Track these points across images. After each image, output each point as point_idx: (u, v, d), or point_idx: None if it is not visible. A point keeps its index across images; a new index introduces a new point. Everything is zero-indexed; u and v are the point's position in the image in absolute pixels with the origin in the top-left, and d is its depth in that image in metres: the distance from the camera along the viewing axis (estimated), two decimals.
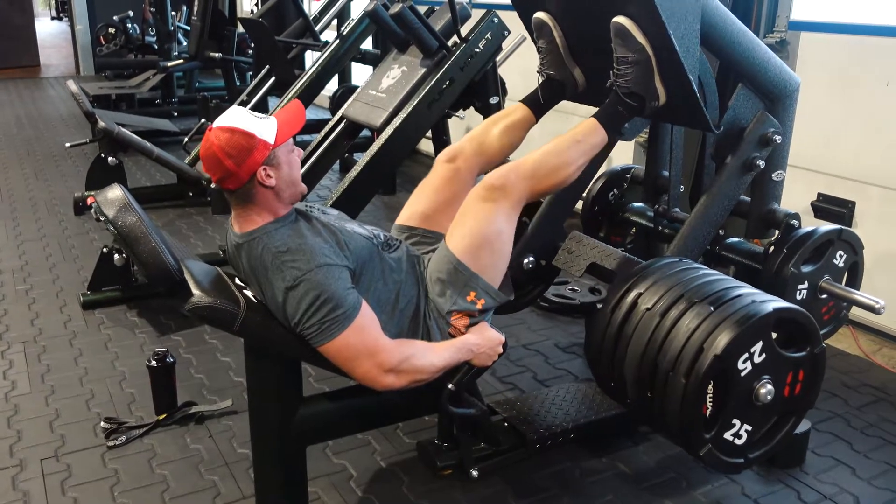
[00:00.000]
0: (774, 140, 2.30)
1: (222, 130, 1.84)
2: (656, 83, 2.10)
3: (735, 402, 1.91)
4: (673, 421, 1.92)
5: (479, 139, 2.34)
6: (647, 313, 1.99)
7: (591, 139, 2.15)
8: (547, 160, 2.09)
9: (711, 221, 2.36)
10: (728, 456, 1.96)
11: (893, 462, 2.47)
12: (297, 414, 2.05)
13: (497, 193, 2.00)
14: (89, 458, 2.44)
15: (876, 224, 3.22)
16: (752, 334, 1.85)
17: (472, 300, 2.01)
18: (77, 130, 7.23)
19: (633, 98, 2.12)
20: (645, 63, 2.07)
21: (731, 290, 1.95)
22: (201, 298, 1.86)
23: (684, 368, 1.85)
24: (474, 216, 2.01)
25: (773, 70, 2.29)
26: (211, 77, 9.42)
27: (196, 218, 4.88)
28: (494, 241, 2.01)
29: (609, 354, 2.08)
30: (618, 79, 2.12)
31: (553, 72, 2.37)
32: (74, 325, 3.36)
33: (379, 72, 3.94)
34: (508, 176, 2.02)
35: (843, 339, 3.24)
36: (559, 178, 2.11)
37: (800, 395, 2.00)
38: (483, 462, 2.33)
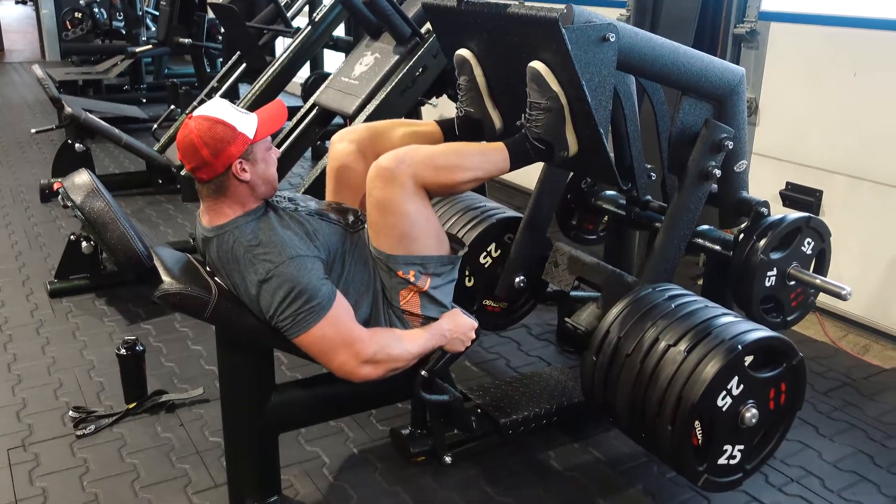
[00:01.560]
0: (726, 146, 2.29)
1: (203, 119, 1.82)
2: (567, 133, 2.05)
3: (722, 432, 1.97)
4: (668, 459, 2.02)
5: (378, 130, 2.26)
6: (627, 360, 2.05)
7: (493, 158, 2.07)
8: (447, 155, 2.02)
9: (679, 237, 2.37)
10: (726, 477, 2.03)
11: (858, 445, 2.52)
12: (269, 402, 2.04)
13: (390, 178, 1.91)
14: (58, 448, 2.41)
15: (842, 212, 3.27)
16: (727, 374, 1.90)
17: (402, 276, 1.98)
18: (43, 116, 7.10)
19: (543, 143, 2.07)
20: (557, 111, 2.01)
21: (705, 324, 1.99)
22: (171, 285, 1.84)
23: (668, 416, 1.92)
24: (379, 211, 1.94)
25: (714, 75, 2.28)
26: (180, 63, 9.30)
27: (166, 206, 4.82)
28: (411, 231, 1.95)
29: (601, 397, 2.16)
30: (528, 122, 2.07)
31: (472, 109, 2.31)
32: (41, 314, 3.31)
33: (351, 59, 3.91)
34: (403, 158, 1.93)
35: (810, 325, 3.29)
36: (453, 178, 2.00)
37: (785, 404, 2.05)
38: (456, 448, 2.35)
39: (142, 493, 2.22)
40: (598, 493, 2.26)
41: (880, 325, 3.24)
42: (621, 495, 2.25)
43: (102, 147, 5.93)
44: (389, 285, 2.01)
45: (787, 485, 2.32)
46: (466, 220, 2.73)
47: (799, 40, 3.40)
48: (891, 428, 2.62)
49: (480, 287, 2.76)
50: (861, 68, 3.16)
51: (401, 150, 1.97)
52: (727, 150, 2.31)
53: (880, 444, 2.53)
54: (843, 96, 3.23)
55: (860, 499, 2.26)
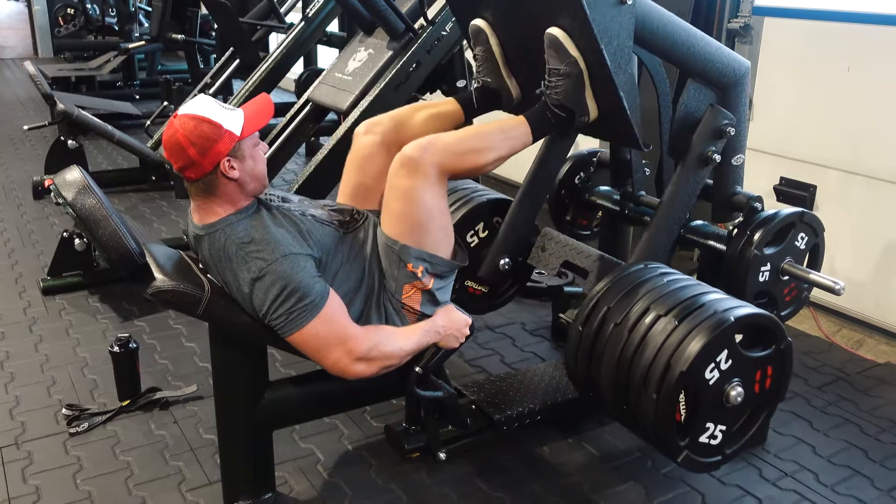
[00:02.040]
0: (728, 132, 2.30)
1: (188, 118, 1.80)
2: (587, 98, 2.07)
3: (707, 408, 1.95)
4: (649, 432, 1.99)
5: (401, 118, 2.28)
6: (615, 329, 2.03)
7: (515, 133, 2.10)
8: (469, 139, 2.05)
9: (675, 220, 2.37)
10: (705, 457, 2.01)
11: (852, 440, 2.53)
12: (263, 399, 2.04)
13: (414, 167, 1.94)
14: (51, 446, 2.40)
15: (836, 207, 3.28)
16: (716, 345, 1.89)
17: (411, 270, 1.98)
18: (36, 113, 7.06)
19: (563, 110, 2.09)
20: (577, 77, 2.03)
21: (695, 298, 1.99)
22: (164, 282, 1.83)
23: (654, 385, 1.90)
24: (398, 198, 1.97)
25: (721, 62, 2.28)
26: (174, 59, 9.26)
27: (159, 202, 4.80)
28: (426, 222, 1.97)
29: (584, 369, 2.13)
30: (548, 90, 2.08)
31: (489, 80, 2.32)
32: (34, 312, 3.30)
33: (345, 54, 3.90)
34: (427, 149, 1.96)
35: (805, 320, 3.30)
36: (477, 160, 2.04)
37: (770, 389, 2.04)
38: (450, 444, 2.34)
39: (135, 491, 2.21)
40: (592, 488, 2.26)
41: (874, 320, 3.25)
42: (615, 490, 2.25)
43: (95, 144, 5.91)
44: (395, 277, 2.00)
45: (781, 479, 2.32)
46: (456, 199, 2.69)
47: (793, 35, 3.40)
48: (884, 422, 2.62)
49: (464, 267, 2.73)
50: (854, 63, 3.16)
51: (424, 140, 1.99)
52: (728, 136, 2.32)
53: (874, 438, 2.54)
54: (837, 91, 3.24)
55: (854, 493, 2.26)
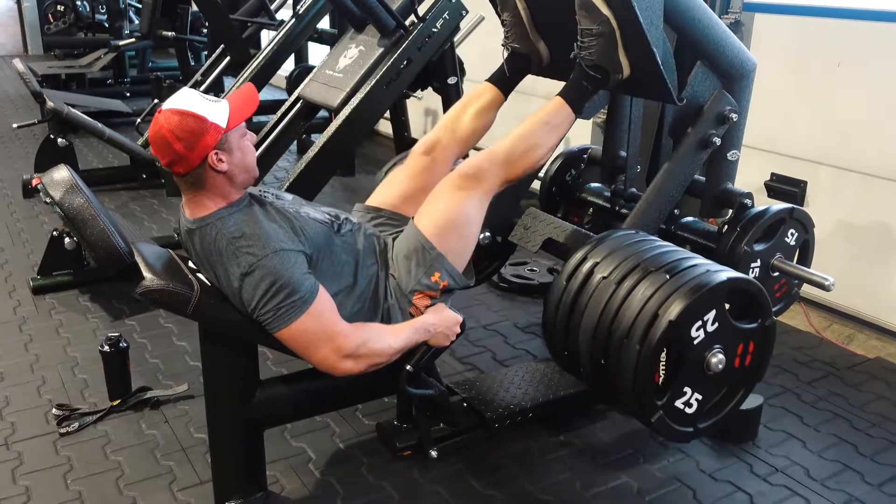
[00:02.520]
0: (731, 118, 2.33)
1: (172, 113, 1.79)
2: (620, 56, 2.10)
3: (687, 370, 1.94)
4: (626, 387, 1.94)
5: (452, 126, 2.34)
6: (602, 282, 2.01)
7: (558, 118, 2.15)
8: (518, 145, 2.11)
9: (667, 197, 2.38)
10: (679, 424, 1.99)
11: (842, 435, 2.54)
12: (254, 397, 2.03)
13: (471, 182, 2.04)
14: (41, 446, 2.39)
15: (826, 203, 3.29)
16: (707, 302, 1.87)
17: (435, 280, 2.02)
18: (25, 111, 7.03)
19: (597, 70, 2.13)
20: (609, 35, 2.06)
21: (686, 260, 1.99)
22: (153, 281, 1.82)
23: (639, 335, 1.88)
24: (446, 200, 2.03)
25: (732, 50, 2.31)
26: (164, 56, 9.22)
27: (150, 200, 4.78)
28: (463, 227, 2.03)
29: (564, 323, 2.09)
30: (582, 51, 2.12)
31: (518, 45, 2.36)
32: (24, 311, 3.28)
33: (336, 51, 3.89)
34: (482, 165, 2.05)
35: (795, 315, 3.31)
36: (532, 160, 2.13)
37: (750, 366, 2.04)
38: (442, 442, 2.34)
39: (126, 491, 2.21)
40: (584, 485, 2.26)
41: (864, 315, 3.26)
42: (606, 487, 2.26)
43: (86, 142, 5.88)
44: (417, 278, 2.02)
45: (771, 474, 2.33)
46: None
47: (784, 31, 3.40)
48: (875, 417, 2.63)
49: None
50: (845, 59, 3.17)
51: (478, 159, 2.07)
52: (731, 122, 2.34)
53: (864, 433, 2.55)
54: (828, 87, 3.24)
55: (844, 488, 2.27)
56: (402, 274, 2.04)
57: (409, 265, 2.03)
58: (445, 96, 3.86)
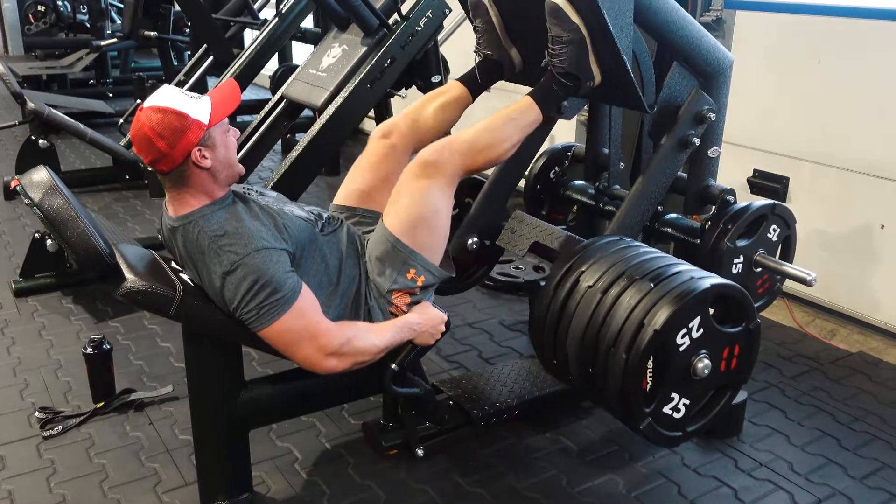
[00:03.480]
0: (709, 118, 2.34)
1: (153, 110, 1.78)
2: (591, 63, 2.10)
3: (674, 377, 1.94)
4: (614, 395, 1.95)
5: (414, 116, 2.32)
6: (588, 290, 2.01)
7: (526, 117, 2.15)
8: (482, 136, 2.09)
9: (649, 199, 2.39)
10: (667, 429, 2.00)
11: (826, 429, 2.56)
12: (238, 398, 2.02)
13: (431, 170, 1.99)
14: (24, 450, 2.37)
15: (808, 198, 3.31)
16: (691, 309, 1.88)
17: (412, 277, 2.00)
18: (6, 112, 6.95)
19: (568, 78, 2.12)
20: (579, 42, 2.06)
21: (671, 266, 1.99)
22: (135, 283, 1.81)
23: (625, 344, 1.88)
24: (410, 194, 2.00)
25: (707, 48, 2.32)
26: (147, 56, 9.16)
27: (133, 201, 4.75)
28: (431, 219, 2.00)
29: (552, 332, 2.10)
30: (552, 58, 2.12)
31: (490, 52, 2.35)
32: (6, 314, 3.25)
33: (319, 51, 3.88)
34: (443, 152, 2.02)
35: (779, 311, 3.33)
36: (494, 154, 2.11)
37: (735, 369, 2.05)
38: (428, 441, 2.34)
39: (111, 494, 2.19)
40: (570, 482, 2.27)
41: (847, 310, 3.29)
42: (593, 484, 2.26)
43: (68, 143, 5.83)
44: (392, 278, 2.00)
45: (756, 469, 2.34)
46: None
47: (764, 28, 3.42)
48: (857, 411, 2.66)
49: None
50: (825, 55, 3.19)
51: (440, 143, 2.04)
52: (709, 122, 2.34)
53: (847, 427, 2.57)
54: (809, 83, 3.26)
55: (828, 481, 2.29)
56: (377, 275, 2.03)
57: (384, 266, 2.01)
58: None
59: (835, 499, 2.22)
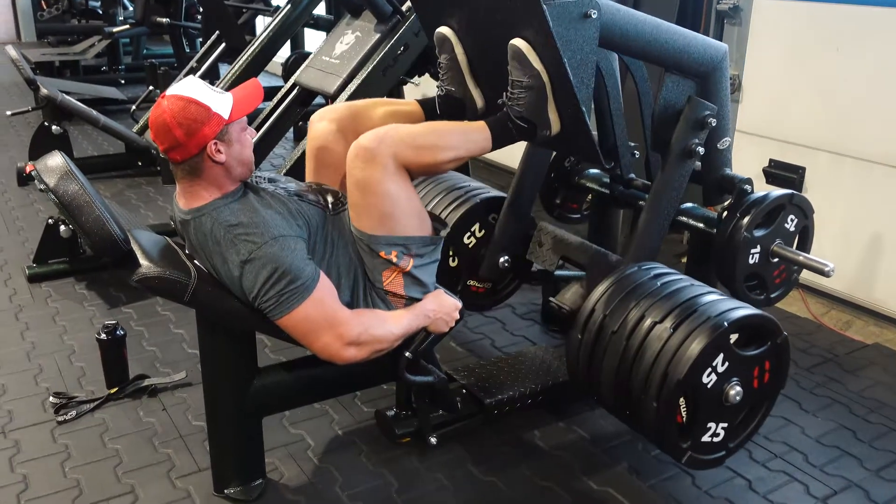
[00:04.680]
0: (710, 123, 2.27)
1: (177, 99, 1.78)
2: (550, 111, 2.02)
3: (706, 410, 1.97)
4: (652, 436, 2.01)
5: (358, 109, 2.23)
6: (613, 337, 2.03)
7: (475, 137, 2.05)
8: (428, 134, 2.00)
9: (664, 216, 2.36)
10: (710, 454, 2.04)
11: (841, 420, 2.54)
12: (252, 385, 2.03)
13: (371, 157, 1.88)
14: (38, 434, 2.39)
15: (825, 188, 3.28)
16: (712, 351, 1.89)
17: (385, 257, 1.96)
18: (19, 98, 6.98)
19: (525, 122, 2.04)
20: (539, 89, 1.98)
21: (690, 302, 1.99)
22: (150, 269, 1.81)
23: (653, 392, 1.91)
24: (360, 191, 1.92)
25: (696, 51, 2.25)
26: (159, 43, 9.17)
27: (146, 188, 4.76)
28: (393, 211, 1.93)
29: (585, 376, 2.14)
30: (510, 101, 2.04)
31: (453, 88, 2.25)
32: (20, 299, 3.27)
33: (332, 37, 3.87)
34: (383, 138, 1.90)
35: (794, 302, 3.31)
36: (434, 157, 1.98)
37: (770, 382, 2.05)
38: (441, 429, 2.34)
39: (124, 479, 2.20)
40: (583, 471, 2.26)
41: (863, 301, 3.26)
42: (606, 473, 2.26)
43: (80, 129, 5.85)
44: (371, 266, 1.99)
45: (770, 460, 2.33)
46: (450, 201, 2.71)
47: (782, 16, 3.38)
48: (873, 403, 2.64)
49: (464, 267, 2.74)
50: (844, 44, 3.15)
51: (381, 129, 1.94)
52: (710, 127, 2.29)
53: (862, 418, 2.55)
54: (826, 72, 3.23)
55: (843, 473, 2.28)
56: (367, 267, 2.01)
57: (364, 258, 1.99)
58: None
59: (850, 490, 2.21)
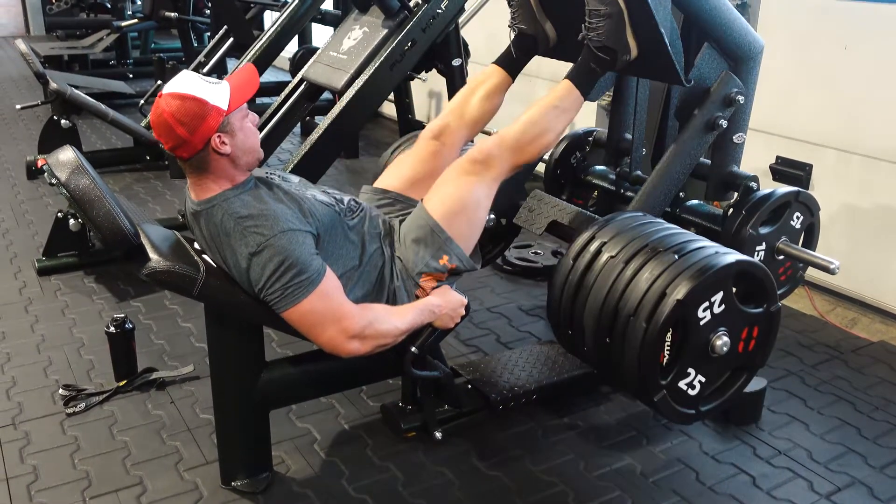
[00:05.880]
0: (738, 101, 2.32)
1: (173, 97, 1.79)
2: (628, 36, 2.10)
3: (692, 352, 1.94)
4: (630, 367, 1.94)
5: (461, 110, 2.35)
6: (610, 261, 2.01)
7: (566, 102, 2.16)
8: (528, 130, 2.11)
9: (673, 179, 2.37)
10: (681, 405, 1.99)
11: (845, 418, 2.54)
12: (259, 379, 2.04)
13: (480, 167, 2.04)
14: (48, 426, 2.41)
15: (832, 186, 3.28)
16: (714, 283, 1.88)
17: (444, 263, 2.03)
18: (29, 92, 7.01)
19: (605, 52, 2.12)
20: (617, 16, 2.06)
21: (694, 241, 1.99)
22: (159, 263, 1.83)
23: (645, 313, 1.88)
24: (455, 184, 2.04)
25: (739, 31, 2.30)
26: (167, 38, 9.19)
27: (154, 182, 4.78)
28: (472, 212, 2.04)
29: (569, 302, 2.09)
30: (589, 32, 2.12)
31: (524, 26, 2.35)
32: (30, 292, 3.29)
33: (340, 33, 3.87)
34: (492, 150, 2.05)
35: (799, 299, 3.31)
36: (542, 145, 2.14)
37: (753, 351, 2.04)
38: (446, 424, 2.35)
39: (133, 471, 2.22)
40: (588, 466, 2.27)
41: (868, 299, 3.26)
42: (610, 468, 2.27)
43: (89, 123, 5.87)
44: (424, 261, 2.03)
45: (774, 457, 2.34)
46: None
47: (790, 12, 3.38)
48: (877, 400, 2.64)
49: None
50: (852, 41, 3.14)
51: (488, 144, 2.07)
52: (737, 105, 2.33)
53: (867, 416, 2.55)
54: (834, 69, 3.22)
55: (847, 470, 2.28)
56: (410, 256, 2.04)
57: (418, 248, 2.03)
58: (450, 78, 3.85)
59: (854, 488, 2.21)
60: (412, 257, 2.04)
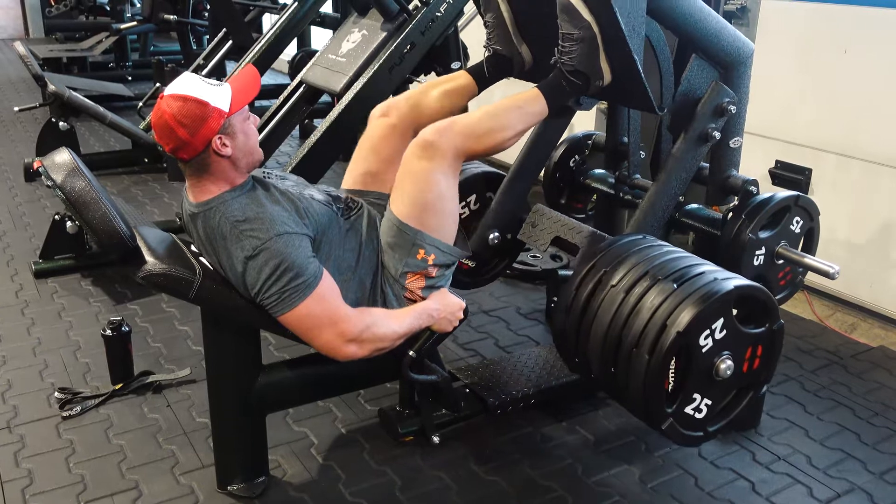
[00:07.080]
0: (729, 110, 2.29)
1: (174, 99, 1.78)
2: (601, 62, 2.06)
3: (696, 377, 1.94)
4: (636, 395, 1.95)
5: (416, 98, 2.30)
6: (611, 290, 2.00)
7: (531, 108, 2.12)
8: (484, 120, 2.07)
9: (670, 195, 2.36)
10: (688, 429, 2.00)
11: (844, 423, 2.53)
12: (256, 382, 2.03)
13: (431, 151, 1.97)
14: (43, 429, 2.40)
15: (831, 190, 3.27)
16: (714, 311, 1.87)
17: (422, 258, 1.99)
18: (27, 94, 7.01)
19: (577, 76, 2.08)
20: (590, 41, 2.02)
21: (694, 267, 1.97)
22: (155, 265, 1.82)
23: (648, 344, 1.88)
24: (413, 178, 1.98)
25: (727, 39, 2.27)
26: (166, 40, 9.19)
27: (152, 185, 4.77)
28: (436, 203, 1.98)
29: (574, 330, 2.10)
30: (562, 55, 2.08)
31: (500, 47, 2.31)
32: (26, 294, 3.28)
33: (339, 35, 3.87)
34: (444, 132, 1.99)
35: (799, 304, 3.30)
36: (495, 140, 2.07)
37: (758, 369, 2.04)
38: (444, 428, 2.34)
39: (128, 475, 2.21)
40: (586, 472, 2.26)
41: (868, 304, 3.25)
42: (609, 473, 2.26)
43: (87, 125, 5.87)
44: (403, 261, 2.00)
45: (774, 462, 2.33)
46: None
47: (790, 17, 3.37)
48: (877, 406, 2.63)
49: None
50: (852, 46, 3.14)
51: (442, 123, 2.01)
52: (729, 114, 2.31)
53: (867, 421, 2.54)
54: (834, 74, 3.22)
55: (846, 476, 2.27)
56: (389, 261, 2.02)
57: (393, 251, 2.01)
58: None
59: (853, 494, 2.20)
60: (391, 262, 2.02)
